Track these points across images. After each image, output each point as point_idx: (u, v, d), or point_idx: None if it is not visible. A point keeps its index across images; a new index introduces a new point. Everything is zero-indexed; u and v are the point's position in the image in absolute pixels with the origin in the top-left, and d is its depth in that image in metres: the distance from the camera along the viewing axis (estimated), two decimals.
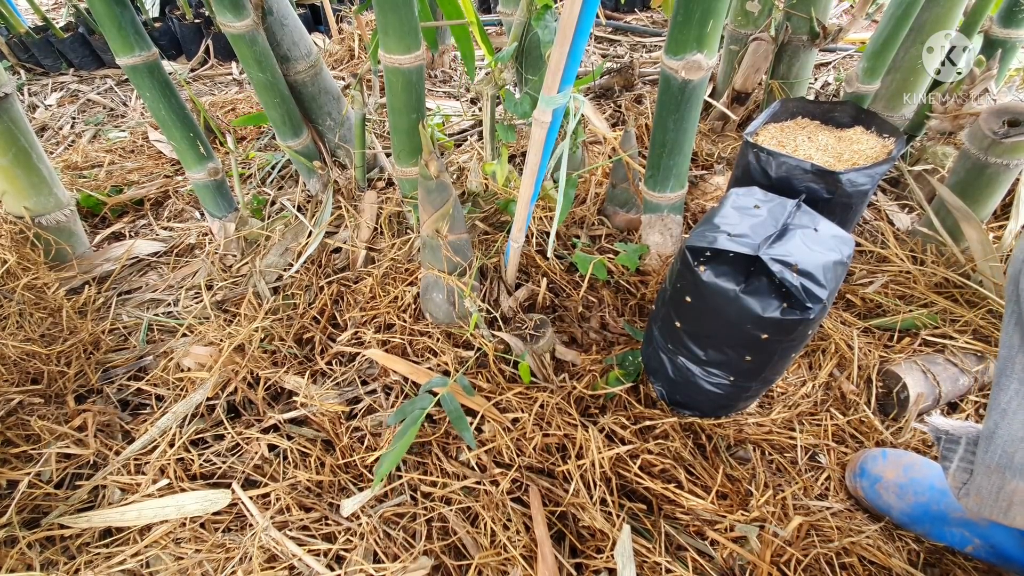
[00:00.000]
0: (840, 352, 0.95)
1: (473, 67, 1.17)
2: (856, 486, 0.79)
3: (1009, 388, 0.50)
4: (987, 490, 0.55)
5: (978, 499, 0.56)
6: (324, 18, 2.26)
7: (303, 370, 0.98)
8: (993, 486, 0.54)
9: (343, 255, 1.19)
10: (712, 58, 0.83)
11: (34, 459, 0.87)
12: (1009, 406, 0.50)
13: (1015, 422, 0.50)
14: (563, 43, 0.62)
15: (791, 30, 1.32)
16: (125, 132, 1.79)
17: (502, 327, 0.98)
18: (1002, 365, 0.50)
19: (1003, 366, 0.50)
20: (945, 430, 0.62)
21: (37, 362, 0.97)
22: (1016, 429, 0.50)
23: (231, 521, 0.81)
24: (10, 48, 2.17)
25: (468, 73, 1.18)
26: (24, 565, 0.75)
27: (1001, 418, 0.51)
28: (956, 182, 1.05)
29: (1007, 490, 0.53)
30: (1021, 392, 0.49)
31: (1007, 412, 0.50)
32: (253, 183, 1.44)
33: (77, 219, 1.25)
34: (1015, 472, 0.51)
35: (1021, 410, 0.49)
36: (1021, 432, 0.49)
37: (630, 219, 1.18)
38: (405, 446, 0.80)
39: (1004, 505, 0.54)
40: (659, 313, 0.82)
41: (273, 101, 1.19)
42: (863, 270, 1.10)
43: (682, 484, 0.80)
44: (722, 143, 1.47)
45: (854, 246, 0.74)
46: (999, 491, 0.54)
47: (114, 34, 1.04)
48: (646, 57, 2.01)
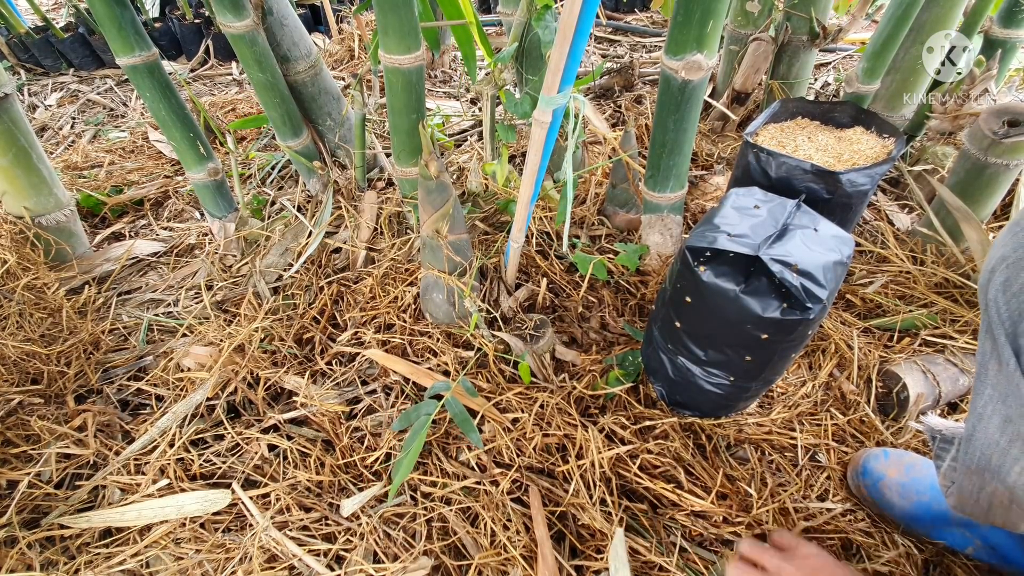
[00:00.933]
0: (840, 352, 0.95)
1: (475, 68, 1.17)
2: (859, 484, 0.79)
3: (983, 393, 0.51)
4: (968, 491, 0.56)
5: (961, 499, 0.58)
6: (324, 18, 2.26)
7: (303, 370, 0.98)
8: (974, 487, 0.55)
9: (343, 255, 1.19)
10: (712, 58, 0.83)
11: (34, 459, 0.87)
12: (984, 411, 0.51)
13: (990, 426, 0.51)
14: (563, 43, 0.62)
15: (791, 30, 1.32)
16: (125, 132, 1.79)
17: (502, 327, 0.98)
18: (977, 371, 0.52)
19: (978, 372, 0.52)
20: (939, 430, 0.64)
21: (37, 362, 0.97)
22: (991, 432, 0.51)
23: (231, 521, 0.81)
24: (10, 48, 2.17)
25: (470, 74, 1.18)
26: (24, 565, 0.75)
27: (978, 421, 0.52)
28: (956, 182, 1.05)
29: (987, 491, 0.54)
30: (994, 397, 0.50)
31: (983, 416, 0.52)
32: (253, 183, 1.44)
33: (77, 219, 1.25)
34: (993, 474, 0.52)
35: (996, 414, 0.50)
36: (996, 435, 0.51)
37: (630, 219, 1.18)
38: (416, 452, 0.80)
39: (984, 506, 0.55)
40: (659, 313, 0.82)
41: (273, 101, 1.19)
42: (863, 270, 1.10)
43: (682, 484, 0.80)
44: (722, 143, 1.47)
45: (854, 246, 0.74)
46: (979, 492, 0.55)
47: (114, 34, 1.04)
48: (646, 57, 2.01)
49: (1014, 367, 0.47)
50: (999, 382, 0.49)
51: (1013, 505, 0.52)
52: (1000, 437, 0.50)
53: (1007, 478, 0.51)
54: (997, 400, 0.50)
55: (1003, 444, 0.50)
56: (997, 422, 0.50)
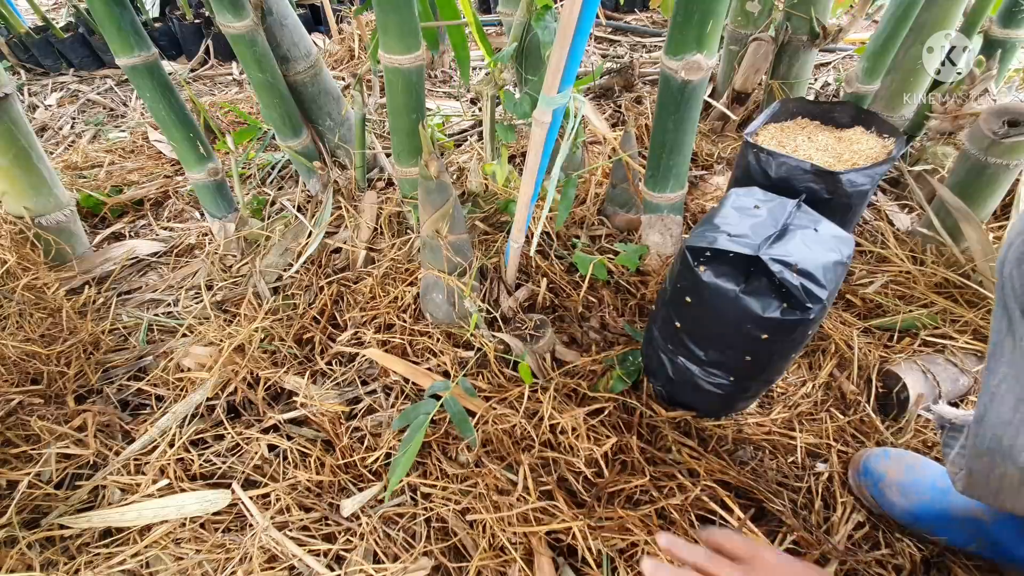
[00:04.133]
0: (840, 352, 0.95)
1: (468, 73, 1.17)
2: (860, 484, 0.79)
3: (998, 372, 0.50)
4: (978, 473, 0.56)
5: (970, 481, 0.57)
6: (324, 18, 2.26)
7: (303, 370, 0.98)
8: (984, 469, 0.54)
9: (343, 255, 1.19)
10: (712, 58, 0.83)
11: (34, 459, 0.87)
12: (998, 389, 0.50)
13: (1004, 405, 0.50)
14: (563, 43, 0.62)
15: (791, 30, 1.32)
16: (125, 132, 1.79)
17: (502, 327, 0.98)
18: (992, 349, 0.51)
19: (992, 350, 0.51)
20: (949, 419, 0.63)
21: (37, 362, 0.97)
22: (1004, 412, 0.50)
23: (231, 521, 0.81)
24: (10, 48, 2.17)
25: (463, 78, 1.18)
26: (24, 565, 0.75)
27: (990, 401, 0.51)
28: (956, 182, 1.05)
29: (996, 474, 0.53)
30: (1009, 376, 0.49)
31: (996, 395, 0.51)
32: (253, 183, 1.44)
33: (77, 219, 1.25)
34: (1004, 456, 0.51)
35: (1010, 393, 0.49)
36: (1008, 415, 0.50)
37: (630, 219, 1.18)
38: (414, 452, 0.80)
39: (994, 488, 0.54)
40: (659, 313, 0.82)
41: (273, 101, 1.19)
42: (863, 270, 1.10)
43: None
44: (722, 143, 1.47)
45: (854, 246, 0.74)
46: (989, 474, 0.54)
47: (114, 34, 1.04)
48: (646, 57, 2.01)
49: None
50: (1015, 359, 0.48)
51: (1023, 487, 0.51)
52: (1013, 416, 0.49)
53: (1019, 458, 0.49)
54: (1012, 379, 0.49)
55: (1016, 424, 0.49)
56: (1011, 401, 0.49)
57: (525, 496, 0.78)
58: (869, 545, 0.75)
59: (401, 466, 0.79)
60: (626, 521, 0.74)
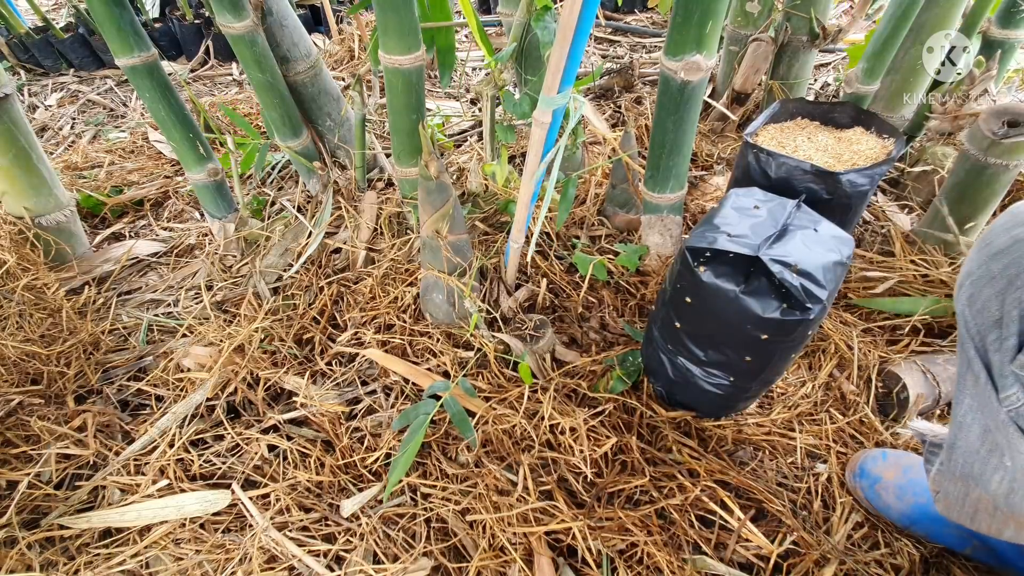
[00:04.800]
0: (840, 352, 0.95)
1: (449, 78, 1.16)
2: (856, 486, 0.79)
3: (963, 402, 0.52)
4: (955, 497, 0.57)
5: (948, 504, 0.58)
6: (324, 18, 2.26)
7: (303, 370, 0.98)
8: (960, 493, 0.56)
9: (343, 255, 1.19)
10: (711, 59, 0.83)
11: (34, 459, 0.87)
12: (964, 419, 0.52)
13: (971, 435, 0.52)
14: (563, 44, 0.62)
15: (791, 30, 1.32)
16: (125, 132, 1.79)
17: (502, 328, 0.98)
18: (957, 380, 0.54)
19: (958, 381, 0.54)
20: (924, 434, 0.64)
21: (37, 363, 0.97)
22: (972, 441, 0.52)
23: (231, 521, 0.81)
24: (10, 48, 2.17)
25: (442, 83, 1.18)
26: (24, 566, 0.75)
27: (959, 430, 0.53)
28: (955, 183, 1.04)
29: (972, 498, 0.55)
30: (973, 407, 0.51)
31: (963, 424, 0.53)
32: (253, 184, 1.44)
33: (77, 219, 1.25)
34: (975, 481, 0.53)
35: (975, 423, 0.51)
36: (976, 444, 0.52)
37: (630, 220, 1.18)
38: (413, 452, 0.80)
39: (970, 511, 0.56)
40: (659, 314, 0.82)
41: (273, 102, 1.19)
42: (863, 270, 1.10)
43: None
44: (722, 144, 1.47)
45: (854, 246, 0.74)
46: (965, 498, 0.56)
47: (113, 35, 1.04)
48: (646, 58, 2.01)
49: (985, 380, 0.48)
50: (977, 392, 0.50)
51: (998, 512, 0.53)
52: (980, 447, 0.51)
53: (989, 485, 0.51)
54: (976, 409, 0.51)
55: (983, 453, 0.51)
56: (977, 431, 0.51)
57: (525, 496, 0.78)
58: (868, 545, 0.76)
59: (401, 466, 0.79)
60: (626, 521, 0.74)
